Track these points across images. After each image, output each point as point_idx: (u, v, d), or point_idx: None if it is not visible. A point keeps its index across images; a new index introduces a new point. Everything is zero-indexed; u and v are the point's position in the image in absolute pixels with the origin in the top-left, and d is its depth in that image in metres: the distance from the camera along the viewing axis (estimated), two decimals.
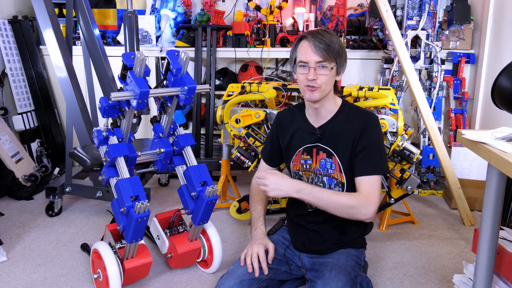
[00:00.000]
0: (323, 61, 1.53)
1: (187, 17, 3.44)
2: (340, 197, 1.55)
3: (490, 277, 1.27)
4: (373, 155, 1.58)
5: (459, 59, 3.12)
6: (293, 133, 1.72)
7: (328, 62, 1.54)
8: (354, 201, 1.54)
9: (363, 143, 1.58)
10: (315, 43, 1.53)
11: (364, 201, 1.54)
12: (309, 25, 3.29)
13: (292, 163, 1.73)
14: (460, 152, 2.84)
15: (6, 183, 2.83)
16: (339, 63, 1.57)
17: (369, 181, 1.57)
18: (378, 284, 1.92)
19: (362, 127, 1.59)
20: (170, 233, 1.98)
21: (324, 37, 1.54)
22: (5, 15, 3.20)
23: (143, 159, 1.83)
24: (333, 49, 1.54)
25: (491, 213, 1.23)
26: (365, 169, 1.58)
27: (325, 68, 1.54)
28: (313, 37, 1.54)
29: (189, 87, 1.63)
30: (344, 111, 1.65)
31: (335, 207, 1.54)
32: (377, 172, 1.58)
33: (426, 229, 2.47)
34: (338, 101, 1.67)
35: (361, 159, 1.58)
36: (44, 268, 2.03)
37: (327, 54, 1.53)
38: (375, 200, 1.55)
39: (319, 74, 1.54)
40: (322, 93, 1.57)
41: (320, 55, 1.53)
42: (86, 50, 2.72)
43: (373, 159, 1.58)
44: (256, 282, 1.59)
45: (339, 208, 1.54)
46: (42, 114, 3.34)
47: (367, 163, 1.58)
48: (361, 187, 1.57)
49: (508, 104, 1.29)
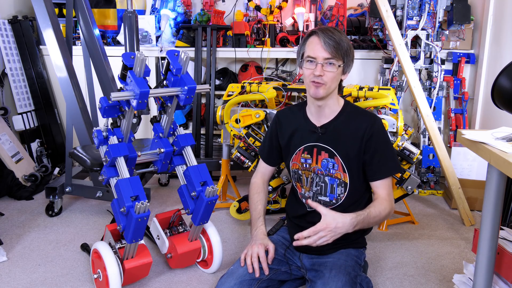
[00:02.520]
0: (331, 58, 1.54)
1: (187, 17, 3.44)
2: (379, 212, 1.59)
3: (490, 277, 1.27)
4: (387, 158, 1.63)
5: (459, 59, 3.12)
6: (293, 132, 1.72)
7: (335, 60, 1.55)
8: (387, 208, 1.61)
9: (373, 148, 1.61)
10: (325, 39, 1.53)
11: (390, 204, 1.63)
12: (309, 25, 3.29)
13: (291, 162, 1.73)
14: (460, 152, 2.84)
15: (6, 183, 2.83)
16: (346, 62, 1.58)
17: (386, 183, 1.64)
18: (378, 284, 1.92)
19: (369, 131, 1.60)
20: (170, 233, 1.98)
21: (334, 35, 1.54)
22: (5, 15, 3.20)
23: (143, 159, 1.83)
24: (342, 48, 1.55)
25: (491, 213, 1.23)
26: (381, 173, 1.63)
27: (332, 65, 1.55)
28: (323, 33, 1.54)
29: (189, 87, 1.63)
30: (346, 111, 1.66)
31: (379, 221, 1.65)
32: (392, 172, 1.66)
33: (426, 229, 2.47)
34: (341, 101, 1.68)
35: (375, 164, 1.61)
36: (44, 268, 2.03)
37: (336, 52, 1.53)
38: (393, 198, 1.69)
39: (326, 71, 1.55)
40: (327, 91, 1.58)
41: (328, 51, 1.53)
42: (86, 50, 2.72)
43: (386, 162, 1.63)
44: (256, 282, 1.59)
45: (382, 220, 1.67)
46: (42, 114, 3.34)
47: (382, 166, 1.62)
48: (380, 191, 1.63)
49: (508, 104, 1.29)
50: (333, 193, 1.66)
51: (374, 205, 1.60)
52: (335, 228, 1.48)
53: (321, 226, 1.48)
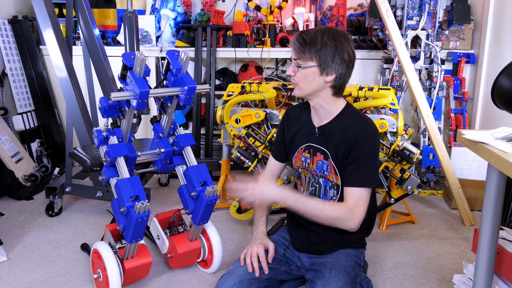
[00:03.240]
0: (297, 58, 1.53)
1: (187, 17, 3.44)
2: (325, 207, 1.53)
3: (490, 277, 1.27)
4: (364, 168, 1.55)
5: (459, 59, 3.12)
6: (298, 130, 1.72)
7: (302, 60, 1.52)
8: (339, 213, 1.52)
9: (355, 154, 1.55)
10: (294, 40, 1.53)
11: (349, 214, 1.52)
12: (309, 25, 3.29)
13: (294, 159, 1.74)
14: (460, 152, 2.84)
15: (6, 183, 2.83)
16: (322, 61, 1.50)
17: (357, 193, 1.54)
18: (378, 284, 1.92)
19: (356, 136, 1.55)
20: (170, 233, 1.98)
21: (308, 35, 1.51)
22: (5, 15, 3.20)
23: (143, 159, 1.83)
24: (313, 47, 1.49)
25: (491, 213, 1.23)
26: (354, 181, 1.55)
27: (300, 65, 1.54)
28: (299, 33, 1.54)
29: (189, 87, 1.63)
30: (344, 115, 1.61)
31: (319, 216, 1.54)
32: (366, 185, 1.55)
33: (426, 229, 2.47)
34: (340, 104, 1.63)
35: (352, 170, 1.56)
36: (44, 268, 2.03)
37: (301, 52, 1.51)
38: (361, 213, 1.54)
39: (296, 72, 1.55)
40: (301, 91, 1.57)
41: (294, 51, 1.54)
42: (86, 50, 2.72)
43: (363, 172, 1.55)
44: (256, 282, 1.59)
45: (323, 218, 1.54)
46: (42, 114, 3.34)
47: (357, 174, 1.55)
48: (349, 198, 1.55)
49: (508, 104, 1.29)
50: (326, 195, 1.65)
51: (325, 202, 1.60)
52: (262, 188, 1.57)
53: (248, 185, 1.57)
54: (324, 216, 1.53)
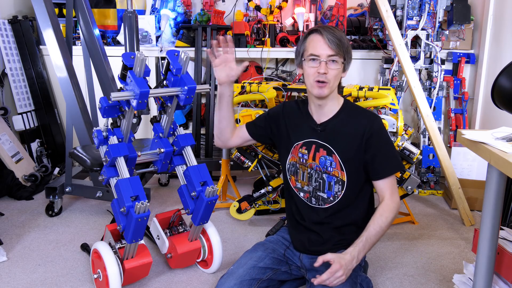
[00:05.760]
0: (335, 55, 1.55)
1: (187, 17, 3.44)
2: (380, 224, 1.56)
3: (490, 277, 1.27)
4: (389, 156, 1.62)
5: (459, 59, 3.12)
6: (295, 125, 1.72)
7: (338, 57, 1.56)
8: (390, 214, 1.57)
9: (375, 148, 1.60)
10: (328, 36, 1.54)
11: (395, 206, 1.59)
12: (309, 25, 3.29)
13: (290, 155, 1.73)
14: (460, 152, 2.84)
15: (6, 183, 2.83)
16: (346, 59, 1.59)
17: (389, 183, 1.62)
18: (378, 284, 1.92)
19: (369, 131, 1.60)
20: (170, 233, 1.98)
21: (335, 32, 1.56)
22: (5, 15, 3.20)
23: (143, 159, 1.83)
24: (343, 45, 1.56)
25: (491, 213, 1.23)
26: (385, 171, 1.61)
27: (336, 62, 1.56)
28: (325, 30, 1.55)
29: (189, 87, 1.64)
30: (345, 110, 1.66)
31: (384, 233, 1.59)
32: (396, 170, 1.63)
33: (426, 229, 2.47)
34: (340, 100, 1.68)
35: (380, 162, 1.60)
36: (44, 268, 2.03)
37: (338, 49, 1.54)
38: (398, 197, 1.63)
39: (330, 69, 1.55)
40: (330, 89, 1.59)
41: (332, 48, 1.54)
42: (86, 50, 2.72)
43: (389, 159, 1.62)
44: (256, 282, 1.59)
45: (386, 230, 1.59)
46: (42, 114, 3.34)
47: (386, 165, 1.61)
48: (385, 190, 1.61)
49: (508, 104, 1.29)
50: (331, 190, 1.66)
51: (374, 220, 1.57)
52: (345, 265, 1.48)
53: (336, 267, 1.47)
54: (386, 228, 1.58)
